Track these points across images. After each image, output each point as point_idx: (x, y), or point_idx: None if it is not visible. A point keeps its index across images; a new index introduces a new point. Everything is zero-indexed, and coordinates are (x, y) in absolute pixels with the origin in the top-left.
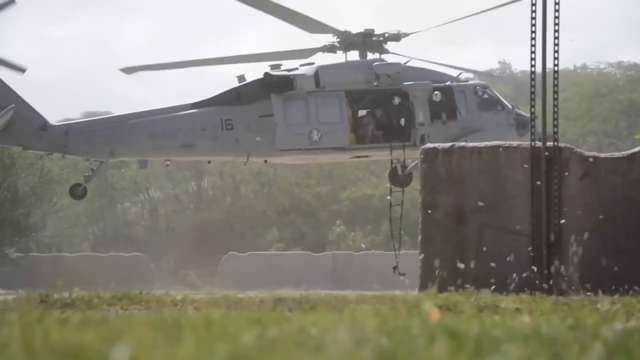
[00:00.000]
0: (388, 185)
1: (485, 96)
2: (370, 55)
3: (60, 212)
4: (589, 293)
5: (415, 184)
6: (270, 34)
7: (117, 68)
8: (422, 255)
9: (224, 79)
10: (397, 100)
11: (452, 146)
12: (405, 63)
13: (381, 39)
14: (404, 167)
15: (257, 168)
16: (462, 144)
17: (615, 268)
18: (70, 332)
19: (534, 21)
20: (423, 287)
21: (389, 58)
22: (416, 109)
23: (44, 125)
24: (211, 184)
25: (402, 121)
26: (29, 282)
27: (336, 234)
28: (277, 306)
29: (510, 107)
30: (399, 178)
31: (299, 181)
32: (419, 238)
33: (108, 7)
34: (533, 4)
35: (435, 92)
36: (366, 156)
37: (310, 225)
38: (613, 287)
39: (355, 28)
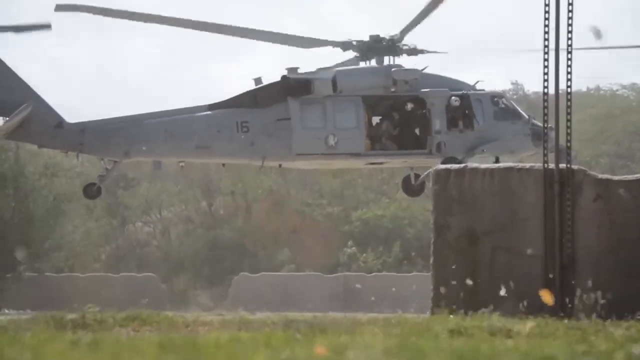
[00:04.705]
0: (399, 202)
1: (502, 105)
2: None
3: (72, 233)
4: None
5: (429, 205)
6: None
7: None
8: (434, 277)
9: (228, 89)
10: (414, 107)
11: (464, 167)
12: (423, 70)
13: (403, 46)
14: (417, 176)
15: (269, 187)
16: (475, 165)
17: (629, 292)
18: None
19: (546, 42)
20: (435, 309)
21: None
22: (433, 116)
23: (60, 123)
24: (222, 203)
25: (419, 128)
26: (41, 302)
27: (347, 255)
28: (288, 328)
29: (527, 117)
30: (412, 187)
31: (311, 201)
32: (431, 260)
33: (116, 26)
34: (546, 25)
35: (452, 100)
36: (381, 163)
37: (321, 246)
38: (627, 312)
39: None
